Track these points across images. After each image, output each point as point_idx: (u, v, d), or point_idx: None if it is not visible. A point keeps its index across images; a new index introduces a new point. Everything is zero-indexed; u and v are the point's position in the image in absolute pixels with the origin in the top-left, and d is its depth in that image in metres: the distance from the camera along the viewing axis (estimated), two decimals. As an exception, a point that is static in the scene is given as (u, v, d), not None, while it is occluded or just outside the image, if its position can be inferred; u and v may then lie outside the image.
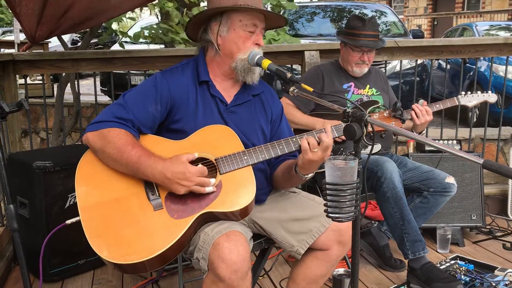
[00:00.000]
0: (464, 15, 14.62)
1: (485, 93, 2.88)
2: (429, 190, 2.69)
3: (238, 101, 1.95)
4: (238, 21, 1.85)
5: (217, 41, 1.89)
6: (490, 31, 8.18)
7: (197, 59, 1.97)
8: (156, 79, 1.87)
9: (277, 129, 2.05)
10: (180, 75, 1.90)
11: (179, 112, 1.85)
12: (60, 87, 4.02)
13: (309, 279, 1.94)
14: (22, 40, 7.79)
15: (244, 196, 1.74)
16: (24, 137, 4.33)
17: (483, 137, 3.97)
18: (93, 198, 1.71)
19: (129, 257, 1.60)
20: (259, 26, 1.89)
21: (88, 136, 1.76)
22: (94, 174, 1.75)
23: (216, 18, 1.88)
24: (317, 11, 7.44)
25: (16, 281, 2.76)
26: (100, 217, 1.68)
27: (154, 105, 1.81)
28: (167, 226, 1.66)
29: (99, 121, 1.75)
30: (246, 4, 1.83)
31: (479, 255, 3.04)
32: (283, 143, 1.82)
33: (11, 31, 10.87)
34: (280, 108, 2.10)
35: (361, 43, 2.72)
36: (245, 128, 1.92)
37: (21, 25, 3.03)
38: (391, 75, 5.74)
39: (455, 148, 1.55)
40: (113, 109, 1.78)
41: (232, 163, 1.77)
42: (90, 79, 9.78)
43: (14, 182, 2.71)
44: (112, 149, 1.69)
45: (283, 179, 1.96)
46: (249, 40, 1.88)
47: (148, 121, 1.81)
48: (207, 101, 1.90)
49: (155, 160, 1.68)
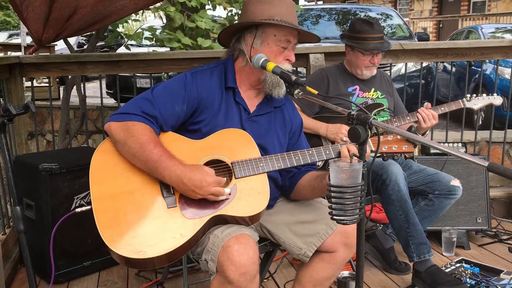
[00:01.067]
0: (470, 17, 14.56)
1: (490, 96, 2.88)
2: (434, 193, 2.69)
3: (260, 111, 1.96)
4: (273, 36, 1.86)
5: (250, 53, 1.88)
6: (496, 34, 8.15)
7: (225, 63, 1.97)
8: (186, 79, 1.86)
9: (295, 142, 2.06)
10: (209, 77, 1.91)
11: (202, 114, 1.86)
12: (66, 89, 4.05)
13: (315, 281, 1.94)
14: (28, 43, 7.87)
15: (257, 203, 1.75)
16: (31, 140, 4.35)
17: (488, 139, 3.95)
18: (107, 189, 1.69)
19: (140, 253, 1.60)
20: (292, 42, 1.90)
21: (111, 126, 1.74)
22: (110, 165, 1.74)
23: (251, 30, 1.88)
24: (322, 14, 7.44)
25: (22, 282, 2.78)
26: (113, 209, 1.66)
27: (181, 104, 1.81)
28: (179, 225, 1.67)
29: (125, 112, 1.74)
30: (283, 20, 1.84)
31: (485, 258, 3.03)
32: (299, 154, 1.84)
33: (18, 34, 10.94)
34: (300, 122, 2.10)
35: (371, 47, 2.71)
36: (262, 138, 1.92)
37: (27, 29, 3.05)
38: (396, 77, 5.73)
39: (460, 151, 1.55)
40: (140, 102, 1.77)
41: (248, 168, 1.77)
42: (96, 82, 9.84)
43: (20, 184, 2.73)
44: (135, 143, 1.69)
45: (309, 189, 1.93)
46: (281, 56, 1.88)
47: (172, 120, 1.80)
48: (230, 107, 1.90)
49: (175, 163, 1.68)
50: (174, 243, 1.63)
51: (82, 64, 3.40)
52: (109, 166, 1.74)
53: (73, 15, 2.85)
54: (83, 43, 11.31)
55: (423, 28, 16.70)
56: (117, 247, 1.61)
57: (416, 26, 16.75)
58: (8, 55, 8.00)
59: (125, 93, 4.37)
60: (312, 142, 2.54)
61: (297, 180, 1.99)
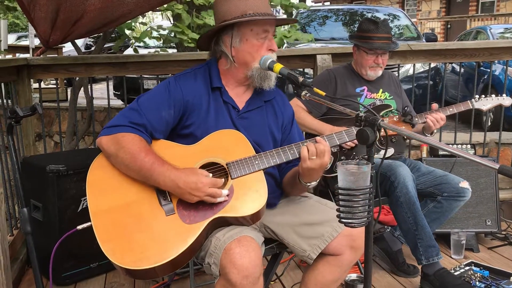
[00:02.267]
0: (478, 18, 14.47)
1: (499, 97, 2.85)
2: (443, 195, 2.66)
3: (250, 107, 1.95)
4: (249, 31, 1.85)
5: (231, 53, 1.87)
6: (505, 34, 8.09)
7: (209, 64, 1.96)
8: (170, 84, 1.87)
9: (288, 134, 2.04)
10: (193, 80, 1.90)
11: (191, 117, 1.85)
12: (74, 91, 4.06)
13: (321, 284, 1.92)
14: (36, 45, 7.91)
15: (255, 201, 1.73)
16: (38, 141, 4.38)
17: (498, 141, 3.91)
18: (104, 203, 1.71)
19: (140, 263, 1.60)
20: (270, 31, 1.88)
21: (102, 140, 1.76)
22: (106, 178, 1.75)
23: (227, 31, 1.87)
24: (329, 15, 7.42)
25: (30, 284, 2.78)
26: (112, 222, 1.68)
27: (167, 109, 1.81)
28: (179, 232, 1.66)
29: (113, 125, 1.76)
30: (256, 13, 1.82)
31: (494, 261, 3.00)
32: (294, 148, 1.82)
33: (26, 36, 11.01)
34: (291, 113, 2.09)
35: (375, 46, 2.71)
36: (255, 134, 1.91)
37: (35, 30, 3.06)
38: (404, 78, 5.70)
39: (469, 153, 1.53)
40: (127, 113, 1.79)
41: (244, 167, 1.76)
42: (103, 83, 9.88)
43: (27, 185, 2.74)
44: (126, 154, 1.70)
45: (289, 186, 1.96)
46: (262, 48, 1.87)
47: (161, 126, 1.81)
48: (219, 107, 1.89)
49: (168, 168, 1.68)
50: (175, 250, 1.62)
51: (89, 66, 3.41)
52: (105, 180, 1.75)
53: (81, 18, 2.86)
54: (90, 45, 11.36)
55: (431, 29, 16.62)
56: (118, 259, 1.61)
57: (424, 26, 16.67)
58: (17, 57, 8.04)
59: (132, 94, 4.37)
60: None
61: (283, 175, 2.00)
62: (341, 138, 1.90)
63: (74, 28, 2.94)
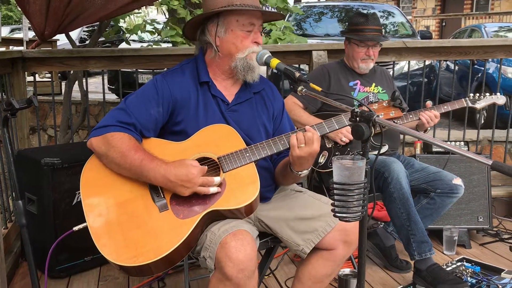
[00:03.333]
0: (473, 16, 14.53)
1: (493, 95, 2.87)
2: (436, 191, 2.68)
3: (239, 100, 1.96)
4: (235, 21, 1.85)
5: (216, 42, 1.88)
6: (499, 33, 8.13)
7: (196, 59, 1.97)
8: (157, 82, 1.87)
9: (279, 125, 2.05)
10: (181, 76, 1.90)
11: (181, 114, 1.86)
12: (68, 85, 4.05)
13: (314, 279, 1.94)
14: (30, 38, 7.85)
15: (248, 192, 1.74)
16: (32, 134, 4.36)
17: (491, 139, 3.95)
18: (98, 203, 1.72)
19: (136, 259, 1.61)
20: (256, 24, 1.88)
21: (92, 142, 1.77)
22: (99, 178, 1.76)
23: (213, 20, 1.87)
24: (325, 11, 7.42)
25: (23, 276, 2.78)
26: (106, 221, 1.69)
27: (156, 107, 1.82)
28: (173, 227, 1.67)
29: (102, 126, 1.77)
30: (242, 4, 1.82)
31: (486, 257, 3.03)
32: (284, 138, 1.83)
33: (20, 29, 10.92)
34: (281, 103, 2.10)
35: (366, 37, 2.74)
36: (246, 126, 1.92)
37: (30, 23, 3.05)
38: (399, 76, 5.72)
39: (464, 149, 1.54)
40: (115, 113, 1.80)
41: (235, 160, 1.77)
42: (98, 77, 9.82)
43: (22, 178, 2.74)
44: (116, 153, 1.71)
45: (281, 176, 1.97)
46: (247, 39, 1.87)
47: (150, 124, 1.81)
48: (208, 102, 1.90)
49: (158, 164, 1.69)
50: (170, 245, 1.63)
51: (84, 59, 3.40)
52: (98, 180, 1.76)
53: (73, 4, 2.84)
54: (85, 38, 11.28)
55: (425, 26, 16.67)
56: (114, 257, 1.62)
57: (418, 24, 16.72)
58: (10, 49, 7.98)
59: (127, 88, 4.37)
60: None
61: (275, 166, 2.01)
62: (330, 126, 1.90)
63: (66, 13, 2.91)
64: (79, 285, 2.73)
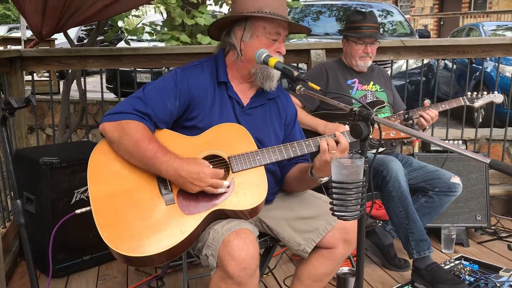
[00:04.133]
0: (471, 15, 14.55)
1: (491, 94, 2.87)
2: (434, 190, 2.69)
3: (254, 104, 1.96)
4: (262, 28, 1.85)
5: (240, 46, 1.88)
6: (497, 31, 8.14)
7: (216, 58, 1.96)
8: (177, 75, 1.86)
9: (290, 132, 2.06)
10: (200, 73, 1.90)
11: (196, 110, 1.85)
12: (66, 84, 4.04)
13: (314, 277, 1.95)
14: (28, 37, 7.82)
15: (255, 196, 1.75)
16: (30, 134, 4.34)
17: (488, 137, 3.96)
18: (105, 189, 1.70)
19: (139, 250, 1.60)
20: (282, 34, 1.88)
21: (105, 126, 1.75)
22: (107, 164, 1.74)
23: (241, 23, 1.87)
24: (323, 10, 7.43)
25: (22, 276, 2.78)
26: (112, 208, 1.67)
27: (172, 101, 1.81)
28: (178, 222, 1.67)
29: (118, 112, 1.75)
30: (272, 12, 1.82)
31: (484, 255, 3.04)
32: (296, 145, 1.83)
33: (18, 28, 10.90)
34: (294, 112, 2.10)
35: (364, 34, 2.75)
36: (258, 130, 1.92)
37: (27, 22, 3.04)
38: (397, 74, 5.72)
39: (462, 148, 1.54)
40: (132, 101, 1.78)
41: (245, 162, 1.77)
42: (96, 76, 9.82)
43: (20, 178, 2.73)
44: (129, 141, 1.69)
45: (296, 181, 1.95)
46: (271, 48, 1.87)
47: (165, 117, 1.81)
48: (224, 101, 1.90)
49: (171, 157, 1.69)
50: (173, 240, 1.63)
51: (83, 58, 3.39)
52: (106, 166, 1.75)
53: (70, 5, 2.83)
54: (83, 37, 11.26)
55: (423, 25, 16.68)
56: (116, 245, 1.61)
57: (417, 23, 16.74)
58: (8, 48, 7.96)
59: (125, 87, 4.36)
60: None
61: (286, 172, 2.00)
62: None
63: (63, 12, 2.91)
64: (77, 284, 2.73)
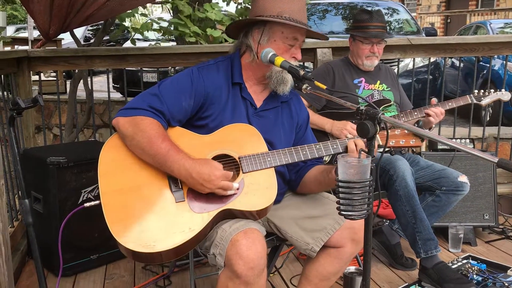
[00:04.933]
0: (478, 12, 14.45)
1: (498, 92, 2.85)
2: (441, 189, 2.68)
3: (267, 106, 1.96)
4: (280, 33, 1.84)
5: (257, 49, 1.87)
6: (505, 29, 8.08)
7: (232, 58, 1.96)
8: (193, 74, 1.86)
9: (302, 136, 2.06)
10: (215, 72, 1.90)
11: (209, 109, 1.85)
12: (73, 84, 4.06)
13: (321, 276, 1.94)
14: (35, 37, 7.86)
15: (264, 197, 1.75)
16: (38, 133, 4.37)
17: (496, 136, 3.93)
18: (115, 183, 1.70)
19: (148, 247, 1.61)
20: (299, 40, 1.88)
21: (119, 121, 1.74)
22: (118, 159, 1.75)
23: (259, 26, 1.87)
24: (329, 8, 7.41)
25: (30, 274, 2.80)
26: (121, 203, 1.67)
27: (188, 99, 1.81)
28: (187, 219, 1.67)
29: (133, 107, 1.74)
30: (291, 17, 1.81)
31: (492, 255, 3.02)
32: (306, 149, 1.83)
33: (25, 28, 10.95)
34: (307, 116, 2.10)
35: (370, 34, 2.73)
36: (269, 133, 1.92)
37: (35, 22, 3.05)
38: (404, 73, 5.70)
39: (469, 147, 1.53)
40: (147, 98, 1.77)
41: (256, 163, 1.77)
42: (102, 76, 9.86)
43: (28, 177, 2.75)
44: (143, 137, 1.69)
45: (316, 183, 1.94)
46: (287, 53, 1.86)
47: (179, 115, 1.81)
48: (237, 102, 1.90)
49: (183, 157, 1.69)
50: (182, 237, 1.63)
51: (89, 58, 3.41)
52: (118, 161, 1.74)
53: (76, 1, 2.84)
54: (89, 37, 11.31)
55: (430, 23, 16.60)
56: (125, 241, 1.62)
57: (423, 21, 16.66)
58: (16, 49, 8.00)
59: (131, 87, 4.37)
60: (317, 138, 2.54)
61: (303, 174, 2.00)
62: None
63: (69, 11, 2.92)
64: (85, 283, 2.74)
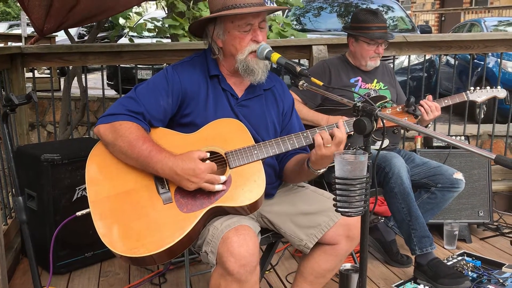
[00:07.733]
0: (472, 10, 14.48)
1: (494, 89, 2.86)
2: (437, 186, 2.68)
3: (249, 95, 1.94)
4: (230, 23, 1.82)
5: (218, 44, 1.88)
6: (499, 27, 8.11)
7: (206, 52, 1.96)
8: (167, 73, 1.86)
9: (287, 122, 2.04)
10: (191, 68, 1.90)
11: (190, 106, 1.85)
12: (67, 80, 4.03)
13: (316, 273, 1.94)
14: (29, 34, 7.82)
15: (253, 191, 1.73)
16: (31, 130, 4.34)
17: (491, 133, 3.94)
18: (103, 191, 1.71)
19: (138, 250, 1.60)
20: (254, 23, 1.83)
21: (100, 129, 1.76)
22: (104, 166, 1.75)
23: (211, 23, 1.87)
24: (324, 5, 7.40)
25: (24, 272, 2.78)
26: (110, 210, 1.68)
27: (165, 98, 1.81)
28: (176, 220, 1.66)
29: (111, 113, 1.75)
30: (236, 4, 1.78)
31: (486, 251, 3.03)
32: (293, 138, 1.81)
33: (18, 25, 10.88)
34: (292, 101, 2.09)
35: (377, 35, 2.70)
36: (255, 122, 1.91)
37: (29, 18, 3.03)
38: (399, 70, 5.70)
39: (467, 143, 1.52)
40: (124, 102, 1.78)
41: (242, 157, 1.76)
42: (97, 73, 9.80)
43: (22, 174, 2.73)
44: (123, 142, 1.70)
45: (294, 173, 1.95)
46: (245, 40, 1.83)
47: (159, 114, 1.80)
48: (218, 95, 1.89)
49: (166, 156, 1.68)
50: (172, 238, 1.63)
51: (83, 55, 3.39)
52: (103, 168, 1.75)
53: (76, 5, 2.83)
54: (84, 34, 11.24)
55: (425, 21, 16.62)
56: (116, 247, 1.62)
57: (418, 19, 16.68)
58: (9, 45, 7.95)
59: (126, 84, 4.35)
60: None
61: (284, 163, 2.00)
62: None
63: (69, 15, 2.92)
64: (80, 281, 2.73)
